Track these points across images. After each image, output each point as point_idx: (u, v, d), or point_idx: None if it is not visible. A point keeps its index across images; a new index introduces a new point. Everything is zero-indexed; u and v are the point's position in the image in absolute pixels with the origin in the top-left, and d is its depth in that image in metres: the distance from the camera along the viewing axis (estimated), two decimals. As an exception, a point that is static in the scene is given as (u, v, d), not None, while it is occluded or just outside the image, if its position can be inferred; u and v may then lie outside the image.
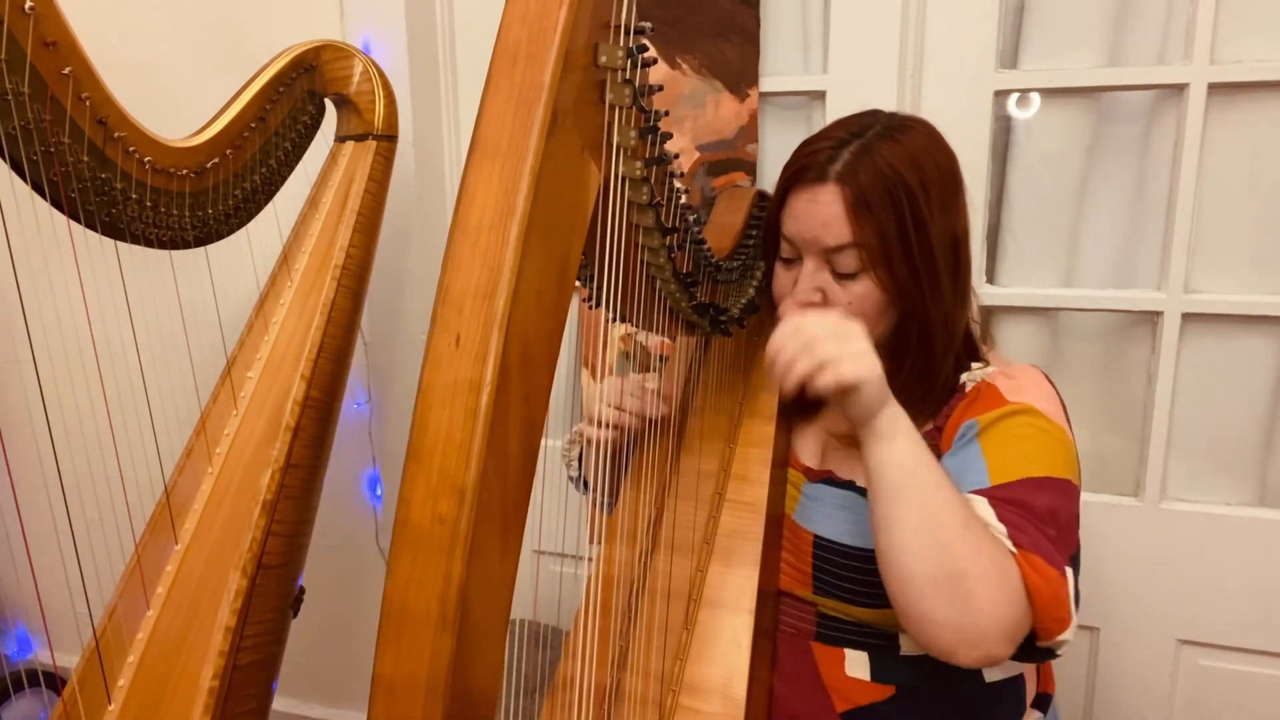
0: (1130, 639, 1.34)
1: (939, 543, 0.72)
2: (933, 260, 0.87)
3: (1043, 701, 0.98)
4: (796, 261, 0.92)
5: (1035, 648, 0.74)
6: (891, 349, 0.92)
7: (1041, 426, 0.84)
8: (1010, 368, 0.92)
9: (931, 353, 0.90)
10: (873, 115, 0.92)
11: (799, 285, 0.91)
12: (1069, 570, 0.76)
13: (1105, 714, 1.37)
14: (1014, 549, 0.74)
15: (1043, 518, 0.77)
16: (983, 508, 0.77)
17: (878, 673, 0.88)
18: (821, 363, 0.75)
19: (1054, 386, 0.91)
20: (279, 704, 1.16)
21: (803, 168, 0.90)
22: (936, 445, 0.89)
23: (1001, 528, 0.75)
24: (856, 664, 0.90)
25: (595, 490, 0.96)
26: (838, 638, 0.91)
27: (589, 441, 1.00)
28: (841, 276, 0.89)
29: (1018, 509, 0.77)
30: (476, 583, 0.49)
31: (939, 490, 0.74)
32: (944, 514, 0.73)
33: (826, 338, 0.75)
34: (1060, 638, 0.74)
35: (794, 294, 0.92)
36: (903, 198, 0.85)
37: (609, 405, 0.95)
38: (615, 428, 0.95)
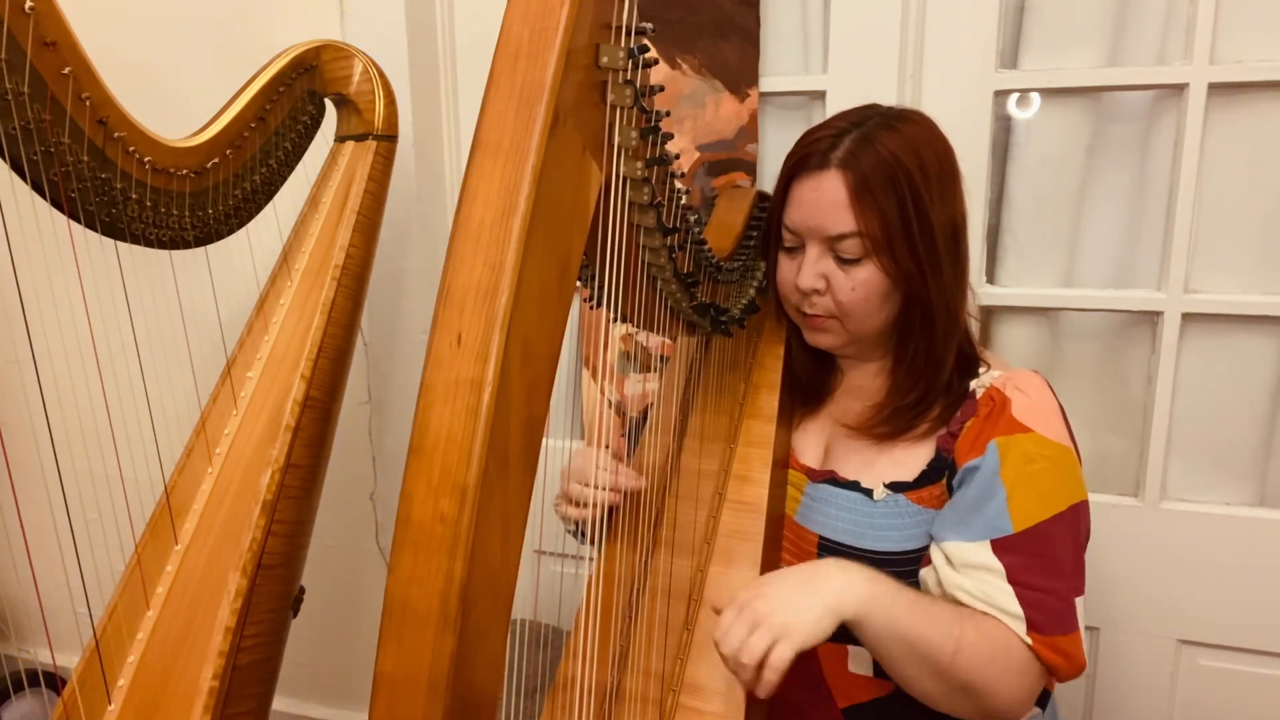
0: (1130, 639, 1.34)
1: (937, 673, 0.79)
2: (934, 245, 0.89)
3: (1042, 698, 0.97)
4: (799, 250, 0.94)
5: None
6: (896, 334, 0.95)
7: (1052, 456, 0.86)
8: (1015, 375, 0.93)
9: (934, 336, 0.92)
10: (871, 107, 0.94)
11: (803, 272, 0.93)
12: (1079, 608, 0.83)
13: (1105, 714, 1.37)
14: (1029, 639, 0.80)
15: (1061, 567, 0.83)
16: (1003, 593, 0.81)
17: (879, 669, 0.88)
18: (776, 636, 0.73)
19: (1054, 393, 0.92)
20: (279, 704, 1.16)
21: (805, 156, 0.92)
22: (950, 449, 0.91)
23: (1019, 613, 0.81)
24: (858, 660, 0.90)
25: (593, 542, 0.94)
26: (840, 634, 0.91)
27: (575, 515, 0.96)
28: (845, 262, 0.91)
29: (1039, 570, 0.82)
30: (478, 581, 0.49)
31: (921, 636, 0.78)
32: (933, 652, 0.78)
33: (775, 611, 0.75)
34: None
35: (798, 281, 0.94)
36: (904, 184, 0.87)
37: (582, 485, 0.91)
38: (591, 506, 0.91)
